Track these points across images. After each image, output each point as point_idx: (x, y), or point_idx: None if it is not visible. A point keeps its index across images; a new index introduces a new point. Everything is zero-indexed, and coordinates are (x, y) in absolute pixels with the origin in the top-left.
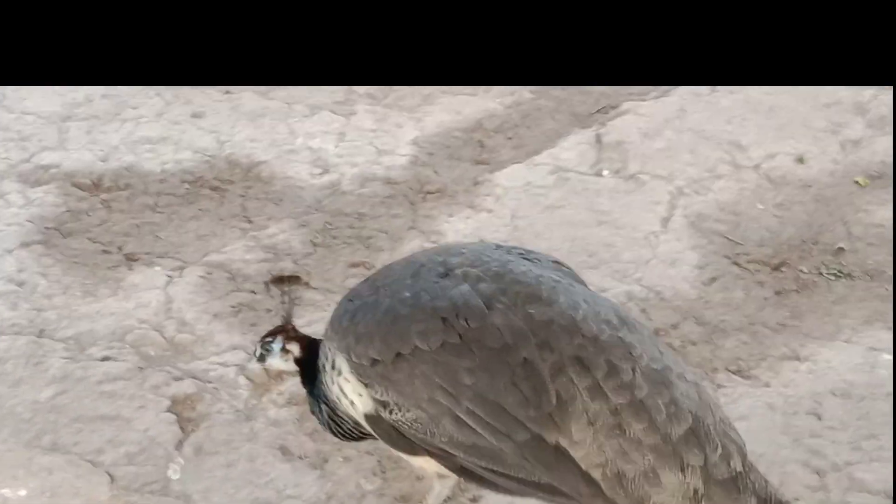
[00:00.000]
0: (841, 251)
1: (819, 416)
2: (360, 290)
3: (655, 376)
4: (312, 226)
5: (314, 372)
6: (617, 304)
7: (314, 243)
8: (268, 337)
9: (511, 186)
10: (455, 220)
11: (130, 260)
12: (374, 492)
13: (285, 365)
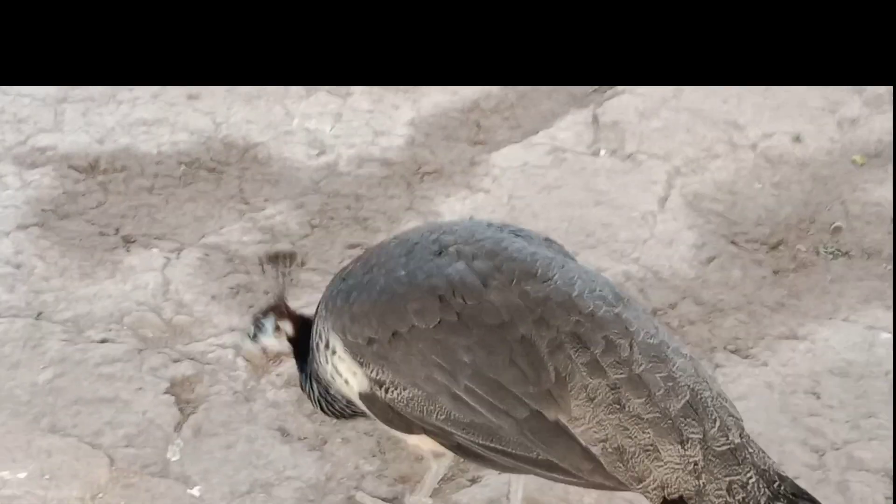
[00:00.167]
0: (838, 230)
1: (817, 395)
2: (354, 269)
3: (652, 351)
4: (309, 207)
5: (307, 350)
6: (611, 280)
7: (311, 224)
8: (260, 315)
9: (508, 167)
10: (452, 200)
11: (128, 242)
12: (373, 473)
13: (278, 343)
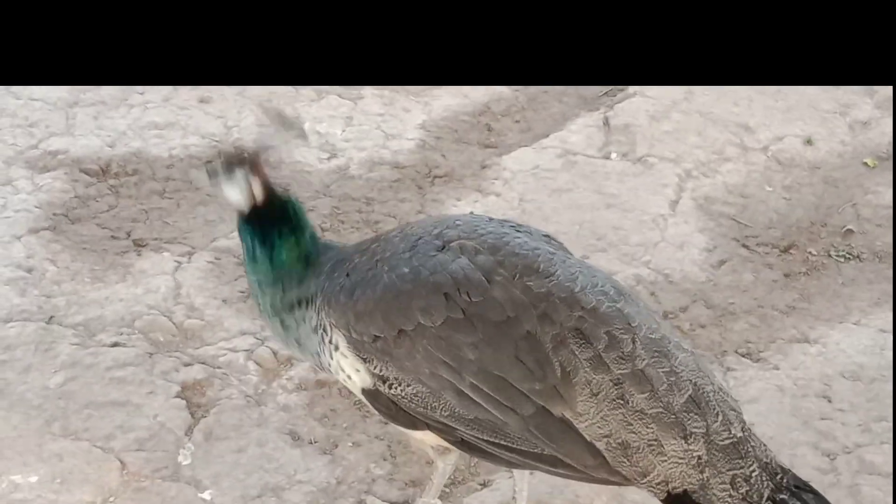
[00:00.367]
0: (850, 233)
1: (829, 399)
2: (358, 263)
3: (654, 346)
4: (320, 210)
5: (264, 236)
6: (612, 276)
7: (322, 228)
8: (235, 161)
9: (519, 170)
10: (463, 203)
11: (139, 246)
12: (383, 476)
13: (237, 199)
